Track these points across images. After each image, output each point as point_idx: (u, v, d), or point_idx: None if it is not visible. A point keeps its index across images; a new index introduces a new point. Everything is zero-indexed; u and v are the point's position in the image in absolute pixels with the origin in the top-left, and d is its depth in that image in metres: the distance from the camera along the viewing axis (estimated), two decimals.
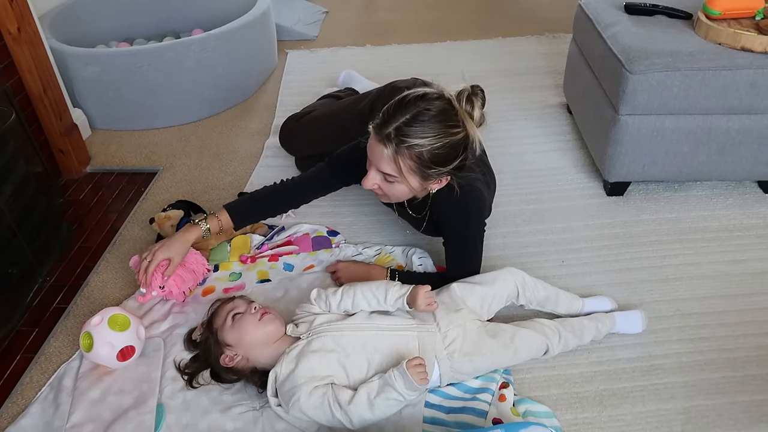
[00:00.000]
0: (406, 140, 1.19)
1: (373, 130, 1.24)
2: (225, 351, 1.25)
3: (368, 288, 1.29)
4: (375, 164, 1.26)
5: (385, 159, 1.22)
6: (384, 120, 1.21)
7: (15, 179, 1.53)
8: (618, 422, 1.23)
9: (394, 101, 1.23)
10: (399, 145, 1.19)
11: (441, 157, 1.21)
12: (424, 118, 1.19)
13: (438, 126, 1.19)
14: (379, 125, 1.22)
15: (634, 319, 1.40)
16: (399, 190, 1.29)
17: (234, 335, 1.25)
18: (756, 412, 1.24)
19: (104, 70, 2.19)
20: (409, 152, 1.20)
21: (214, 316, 1.31)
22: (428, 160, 1.21)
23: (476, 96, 1.25)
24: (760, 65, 1.59)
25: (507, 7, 3.45)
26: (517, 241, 1.70)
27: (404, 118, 1.19)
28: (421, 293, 1.23)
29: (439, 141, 1.19)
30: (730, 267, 1.59)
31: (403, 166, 1.21)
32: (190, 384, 1.29)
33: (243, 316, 1.27)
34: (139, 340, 1.34)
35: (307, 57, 2.90)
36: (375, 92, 1.79)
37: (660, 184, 1.89)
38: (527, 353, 1.30)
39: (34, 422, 1.25)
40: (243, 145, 2.21)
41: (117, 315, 1.33)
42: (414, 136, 1.18)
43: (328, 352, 1.19)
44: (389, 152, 1.21)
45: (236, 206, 1.50)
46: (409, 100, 1.20)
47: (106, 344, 1.29)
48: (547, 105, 2.38)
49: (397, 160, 1.21)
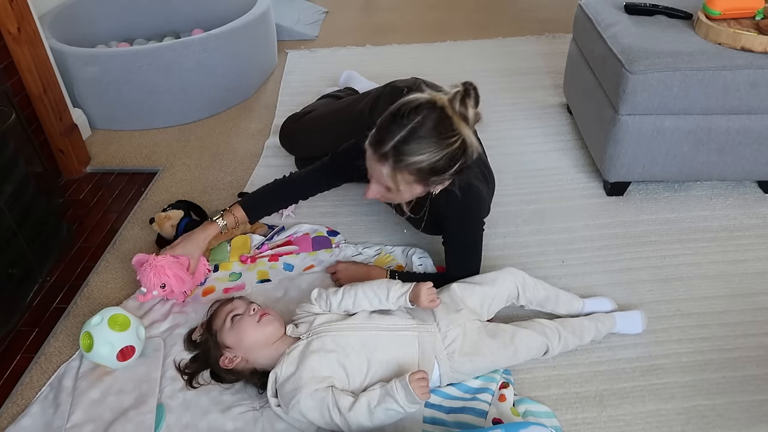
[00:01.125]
0: (403, 159, 1.18)
1: (370, 147, 1.22)
2: (224, 353, 1.25)
3: (369, 287, 1.28)
4: (375, 177, 1.26)
5: (384, 176, 1.23)
6: (380, 137, 1.20)
7: (15, 179, 1.53)
8: (618, 422, 1.23)
9: (387, 115, 1.21)
10: (397, 164, 1.19)
11: (440, 168, 1.21)
12: (420, 133, 1.16)
13: (434, 140, 1.17)
14: (375, 143, 1.21)
15: (634, 319, 1.40)
16: (401, 198, 1.31)
17: (233, 337, 1.25)
18: (756, 412, 1.24)
19: (104, 70, 2.19)
20: (408, 169, 1.19)
21: (213, 318, 1.30)
22: (428, 172, 1.21)
23: (469, 96, 1.21)
24: (760, 65, 1.59)
25: (507, 7, 3.45)
26: (517, 241, 1.70)
27: (400, 136, 1.17)
28: (424, 290, 1.23)
29: (437, 155, 1.18)
30: (730, 267, 1.59)
31: (401, 181, 1.22)
32: (190, 384, 1.29)
33: (242, 317, 1.27)
34: (139, 340, 1.34)
35: (307, 57, 2.90)
36: (375, 92, 1.79)
37: (660, 184, 1.89)
38: (527, 353, 1.30)
39: (34, 422, 1.25)
40: (243, 145, 2.21)
41: (117, 315, 1.32)
42: (411, 154, 1.17)
43: (328, 352, 1.19)
44: (388, 170, 1.21)
45: (248, 200, 1.57)
46: (403, 114, 1.18)
47: (106, 344, 1.29)
48: (547, 105, 2.38)
49: (395, 177, 1.21)
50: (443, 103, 1.19)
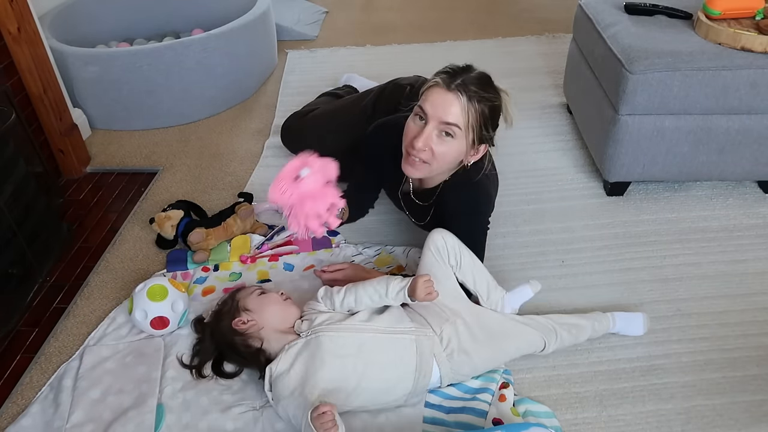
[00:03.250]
0: (478, 92, 1.28)
1: (441, 81, 1.29)
2: (242, 315, 1.28)
3: (370, 284, 1.29)
4: (440, 116, 1.29)
5: (456, 107, 1.27)
6: (451, 75, 1.29)
7: (15, 179, 1.53)
8: (618, 422, 1.23)
9: (447, 66, 1.32)
10: (471, 95, 1.27)
11: (494, 118, 1.33)
12: (481, 78, 1.30)
13: (491, 87, 1.32)
14: (448, 77, 1.29)
15: (636, 321, 1.40)
16: (449, 153, 1.33)
17: (257, 303, 1.30)
18: (756, 412, 1.24)
19: (104, 70, 2.19)
20: (477, 105, 1.28)
21: (239, 291, 1.36)
22: (489, 118, 1.30)
23: None
24: (760, 65, 1.59)
25: (507, 7, 3.45)
26: (517, 241, 1.70)
27: (467, 75, 1.29)
28: (420, 282, 1.23)
29: (496, 100, 1.32)
30: (730, 267, 1.59)
31: (470, 117, 1.28)
32: (198, 373, 1.30)
33: (270, 293, 1.34)
34: (173, 312, 1.39)
35: (307, 57, 2.90)
36: (377, 89, 1.79)
37: (660, 184, 1.89)
38: (527, 348, 1.31)
39: (34, 422, 1.25)
40: (243, 145, 2.21)
41: (156, 285, 1.39)
42: (482, 90, 1.29)
43: (324, 352, 1.19)
44: (463, 101, 1.27)
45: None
46: (464, 66, 1.32)
47: (141, 311, 1.37)
48: (547, 105, 2.38)
49: (467, 109, 1.28)
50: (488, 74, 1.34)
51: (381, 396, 1.21)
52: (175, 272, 1.62)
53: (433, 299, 1.24)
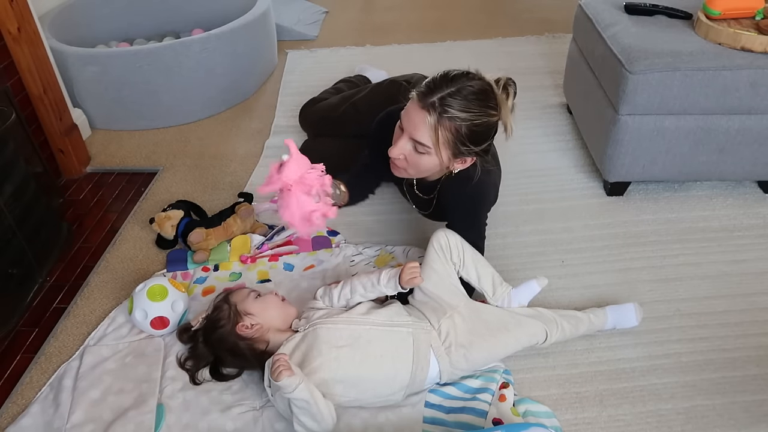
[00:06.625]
0: (449, 111, 1.23)
1: (417, 97, 1.27)
2: (244, 319, 1.28)
3: (365, 275, 1.32)
4: (410, 132, 1.28)
5: (424, 126, 1.26)
6: (429, 89, 1.26)
7: (15, 179, 1.53)
8: (618, 422, 1.23)
9: (438, 74, 1.28)
10: (441, 115, 1.24)
11: (476, 135, 1.27)
12: (468, 93, 1.24)
13: (479, 104, 1.25)
14: (423, 93, 1.26)
15: (627, 312, 1.39)
16: (424, 164, 1.32)
17: (258, 306, 1.30)
18: (756, 412, 1.24)
19: (104, 70, 2.19)
20: (450, 124, 1.24)
21: (231, 295, 1.34)
22: (464, 136, 1.26)
23: (510, 86, 1.30)
24: (760, 65, 1.59)
25: (507, 7, 3.45)
26: (517, 241, 1.70)
27: (449, 90, 1.24)
28: (406, 267, 1.26)
29: (479, 118, 1.25)
30: (730, 267, 1.59)
31: (440, 137, 1.26)
32: (193, 380, 1.30)
33: (267, 295, 1.34)
34: (173, 312, 1.39)
35: (307, 57, 2.90)
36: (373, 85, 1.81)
37: (660, 184, 1.89)
38: (527, 340, 1.31)
39: (34, 422, 1.25)
40: (243, 145, 2.21)
41: (157, 286, 1.39)
42: (457, 108, 1.24)
43: (321, 343, 1.20)
44: (431, 120, 1.25)
45: None
46: (454, 76, 1.27)
47: (141, 310, 1.37)
48: (547, 105, 2.38)
49: (436, 129, 1.25)
50: (490, 80, 1.29)
51: (378, 388, 1.21)
52: (175, 272, 1.62)
53: (417, 284, 1.27)
